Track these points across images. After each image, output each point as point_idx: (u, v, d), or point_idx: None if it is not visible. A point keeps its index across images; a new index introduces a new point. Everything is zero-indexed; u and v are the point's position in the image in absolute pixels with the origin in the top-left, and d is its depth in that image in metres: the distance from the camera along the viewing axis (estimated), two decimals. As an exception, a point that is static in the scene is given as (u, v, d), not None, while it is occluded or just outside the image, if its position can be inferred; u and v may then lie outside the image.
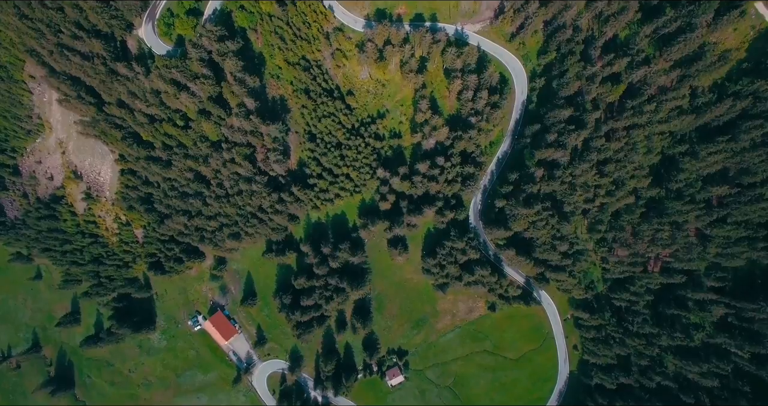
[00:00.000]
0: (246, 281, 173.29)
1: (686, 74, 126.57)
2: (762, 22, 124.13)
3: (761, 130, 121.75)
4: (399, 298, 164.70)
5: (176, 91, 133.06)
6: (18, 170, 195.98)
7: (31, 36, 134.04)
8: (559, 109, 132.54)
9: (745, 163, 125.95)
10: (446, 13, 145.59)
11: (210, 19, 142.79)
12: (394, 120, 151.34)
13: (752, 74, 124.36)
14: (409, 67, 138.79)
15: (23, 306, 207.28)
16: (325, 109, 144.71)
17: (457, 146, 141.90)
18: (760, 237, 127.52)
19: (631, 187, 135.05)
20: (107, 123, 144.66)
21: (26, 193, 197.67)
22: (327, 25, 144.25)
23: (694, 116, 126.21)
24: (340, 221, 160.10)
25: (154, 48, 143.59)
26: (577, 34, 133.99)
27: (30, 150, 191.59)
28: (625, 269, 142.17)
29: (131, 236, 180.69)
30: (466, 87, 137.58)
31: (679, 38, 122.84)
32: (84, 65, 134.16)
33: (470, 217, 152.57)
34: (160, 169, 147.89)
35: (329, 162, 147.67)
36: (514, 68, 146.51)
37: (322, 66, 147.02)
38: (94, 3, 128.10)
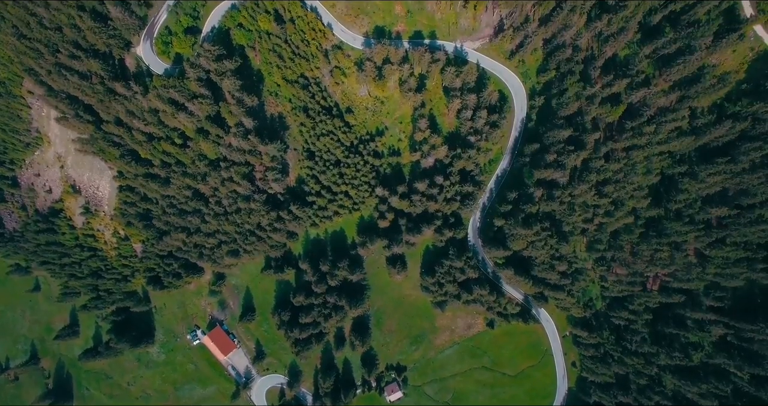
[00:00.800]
0: (245, 296, 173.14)
1: (686, 95, 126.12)
2: (761, 44, 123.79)
3: (761, 152, 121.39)
4: (398, 314, 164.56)
5: (174, 110, 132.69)
6: (17, 182, 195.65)
7: (29, 56, 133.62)
8: (559, 129, 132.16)
9: (744, 185, 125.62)
10: (445, 30, 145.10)
11: (208, 37, 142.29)
12: (393, 137, 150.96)
13: (751, 95, 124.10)
14: (408, 86, 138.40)
15: (22, 318, 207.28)
16: (323, 127, 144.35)
17: (456, 165, 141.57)
18: (760, 258, 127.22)
19: (630, 207, 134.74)
20: (105, 141, 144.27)
21: (25, 205, 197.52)
22: (326, 42, 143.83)
23: (694, 138, 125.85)
24: (339, 238, 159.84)
25: (152, 66, 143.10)
26: (577, 54, 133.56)
27: (28, 162, 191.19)
28: (624, 288, 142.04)
29: (130, 250, 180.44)
30: (465, 106, 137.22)
31: (679, 60, 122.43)
32: (82, 85, 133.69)
33: (469, 235, 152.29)
34: (158, 186, 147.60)
35: (328, 180, 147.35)
36: (514, 86, 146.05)
37: (320, 83, 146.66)
38: (92, 24, 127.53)
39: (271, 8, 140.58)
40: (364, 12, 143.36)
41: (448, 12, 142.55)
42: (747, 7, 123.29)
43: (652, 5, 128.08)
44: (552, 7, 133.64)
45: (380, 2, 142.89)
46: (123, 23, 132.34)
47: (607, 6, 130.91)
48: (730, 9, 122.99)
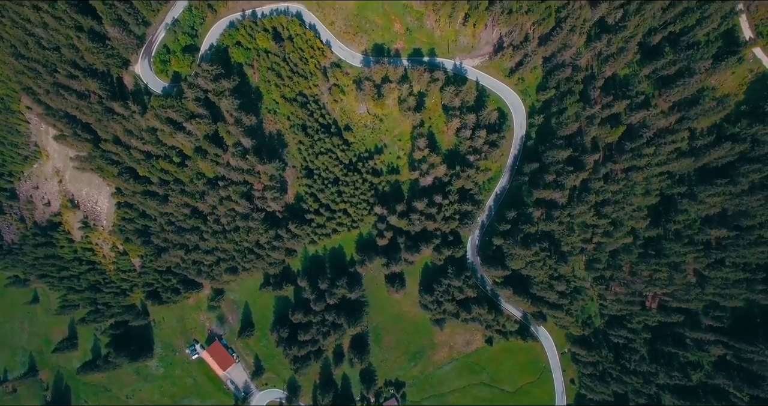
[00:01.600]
0: (244, 311, 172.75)
1: (685, 116, 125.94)
2: (759, 66, 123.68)
3: (760, 173, 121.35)
4: (396, 330, 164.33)
5: (172, 130, 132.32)
6: (15, 194, 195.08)
7: (28, 75, 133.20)
8: (558, 149, 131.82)
9: (743, 206, 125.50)
10: (445, 48, 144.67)
11: (206, 55, 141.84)
12: (391, 155, 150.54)
13: (750, 116, 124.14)
14: (407, 105, 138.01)
15: (20, 330, 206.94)
16: (322, 146, 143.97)
17: (455, 184, 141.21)
18: (759, 279, 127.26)
19: (629, 227, 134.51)
20: (103, 159, 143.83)
21: (23, 217, 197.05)
22: (324, 60, 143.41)
23: (693, 159, 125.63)
24: (338, 255, 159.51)
25: (150, 84, 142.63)
26: (577, 74, 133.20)
27: (27, 174, 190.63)
28: (623, 307, 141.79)
29: (128, 264, 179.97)
30: (464, 125, 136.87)
31: (678, 82, 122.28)
32: (80, 104, 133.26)
33: (468, 253, 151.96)
34: (156, 204, 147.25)
35: (326, 198, 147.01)
36: (513, 103, 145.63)
37: (319, 101, 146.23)
38: (90, 44, 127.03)
39: (269, 26, 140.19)
40: (362, 30, 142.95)
41: (448, 30, 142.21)
42: (746, 28, 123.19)
43: (652, 25, 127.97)
44: (552, 26, 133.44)
45: (379, 20, 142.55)
46: (121, 43, 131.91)
47: (606, 26, 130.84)
48: (730, 31, 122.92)
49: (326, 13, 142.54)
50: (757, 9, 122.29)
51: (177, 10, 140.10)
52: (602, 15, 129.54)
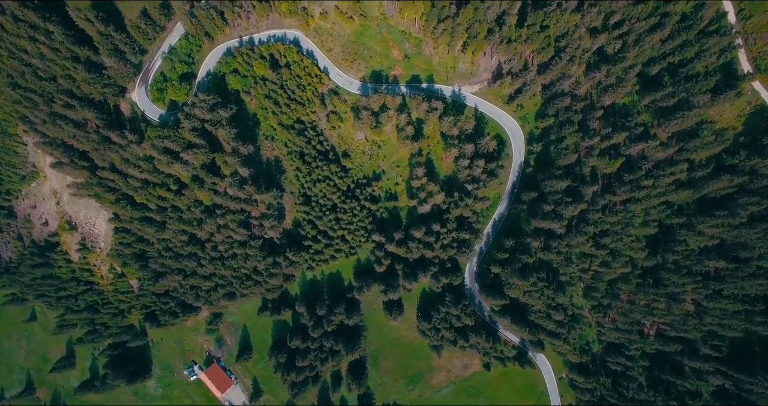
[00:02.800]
0: (242, 333, 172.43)
1: (684, 148, 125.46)
2: (758, 99, 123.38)
3: (759, 206, 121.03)
4: (394, 354, 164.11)
5: (169, 159, 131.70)
6: (13, 212, 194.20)
7: (24, 105, 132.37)
8: (557, 179, 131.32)
9: (742, 238, 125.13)
10: (443, 74, 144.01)
11: (203, 82, 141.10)
12: (390, 181, 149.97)
13: (749, 148, 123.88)
14: (405, 134, 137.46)
15: (17, 347, 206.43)
16: (320, 173, 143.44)
17: (453, 212, 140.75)
18: (758, 311, 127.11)
19: (627, 258, 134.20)
20: (100, 186, 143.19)
21: (21, 236, 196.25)
22: (322, 87, 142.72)
23: (692, 191, 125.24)
24: (336, 280, 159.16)
25: (147, 112, 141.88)
26: (576, 103, 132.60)
27: (25, 193, 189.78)
28: (620, 335, 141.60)
29: (126, 286, 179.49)
30: (462, 155, 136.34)
31: (677, 114, 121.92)
32: (77, 133, 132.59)
33: (466, 279, 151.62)
34: (154, 231, 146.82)
35: (324, 225, 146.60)
36: (512, 129, 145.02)
37: (316, 127, 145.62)
38: (87, 75, 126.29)
39: (266, 53, 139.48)
40: (360, 57, 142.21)
41: (446, 56, 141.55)
42: (744, 61, 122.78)
43: (651, 56, 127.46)
44: (551, 55, 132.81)
45: (377, 47, 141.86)
46: (117, 72, 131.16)
47: (606, 55, 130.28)
48: (728, 64, 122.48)
49: (324, 39, 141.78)
50: (755, 42, 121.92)
51: (174, 38, 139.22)
52: (601, 45, 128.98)
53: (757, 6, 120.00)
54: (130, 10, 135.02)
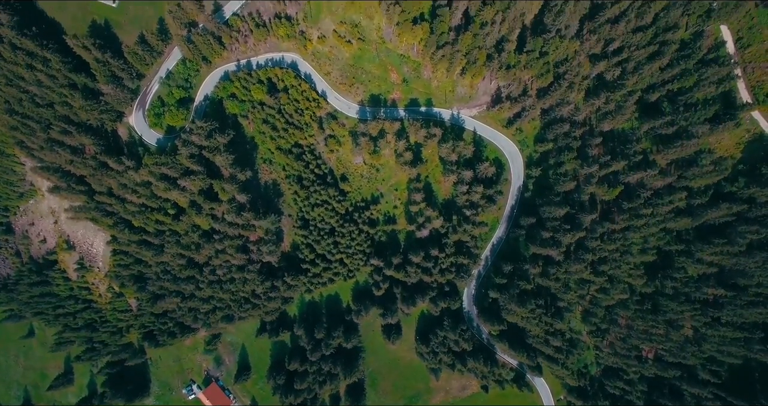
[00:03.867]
0: (240, 353, 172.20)
1: (683, 175, 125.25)
2: (756, 127, 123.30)
3: (757, 235, 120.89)
4: (393, 375, 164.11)
5: (167, 186, 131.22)
6: (11, 228, 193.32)
7: (21, 131, 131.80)
8: (555, 206, 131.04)
9: (741, 266, 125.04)
10: (442, 97, 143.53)
11: (200, 106, 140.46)
12: (388, 204, 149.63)
13: (748, 175, 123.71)
14: (403, 160, 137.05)
15: (15, 363, 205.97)
16: (318, 197, 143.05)
17: (451, 237, 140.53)
18: (757, 339, 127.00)
19: (626, 284, 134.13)
20: (98, 211, 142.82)
21: (19, 252, 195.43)
22: (319, 111, 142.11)
23: (691, 219, 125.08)
24: (334, 301, 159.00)
25: (145, 136, 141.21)
26: (575, 129, 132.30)
27: (23, 210, 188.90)
28: (618, 360, 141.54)
29: (125, 304, 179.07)
30: (461, 181, 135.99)
31: (676, 143, 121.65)
32: (74, 159, 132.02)
33: (464, 302, 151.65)
34: (152, 254, 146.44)
35: (322, 249, 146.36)
36: (511, 153, 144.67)
37: (315, 150, 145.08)
38: (83, 102, 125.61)
39: (264, 78, 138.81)
40: (359, 81, 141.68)
41: (445, 80, 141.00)
42: (743, 89, 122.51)
43: (651, 82, 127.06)
44: (550, 81, 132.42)
45: (376, 70, 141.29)
46: (115, 98, 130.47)
47: (605, 81, 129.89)
48: (727, 92, 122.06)
49: (322, 63, 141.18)
50: (754, 71, 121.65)
51: (171, 62, 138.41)
52: (601, 71, 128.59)
53: (755, 35, 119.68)
54: (128, 35, 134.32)
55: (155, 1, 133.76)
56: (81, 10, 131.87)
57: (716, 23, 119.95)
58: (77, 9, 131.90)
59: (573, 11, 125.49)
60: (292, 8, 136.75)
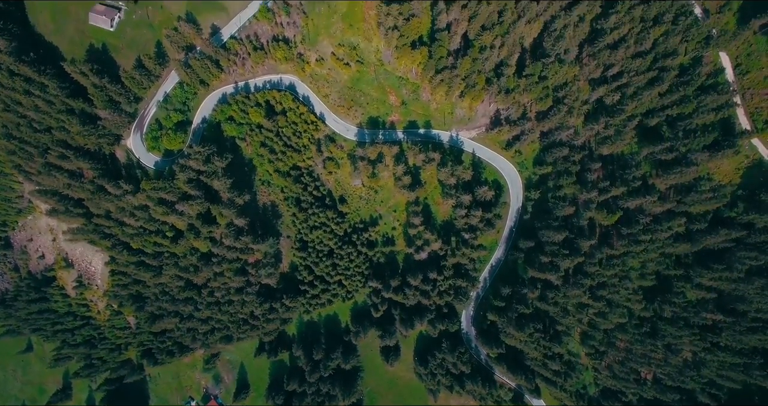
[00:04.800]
0: (239, 371, 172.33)
1: (682, 201, 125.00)
2: (755, 153, 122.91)
3: (756, 261, 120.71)
4: (391, 394, 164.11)
5: (165, 210, 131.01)
6: (9, 243, 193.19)
7: (19, 155, 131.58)
8: (554, 231, 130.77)
9: (740, 292, 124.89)
10: (441, 119, 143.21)
11: (198, 129, 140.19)
12: (387, 225, 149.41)
13: (747, 201, 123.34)
14: (402, 184, 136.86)
15: (13, 378, 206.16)
16: (316, 220, 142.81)
17: (450, 260, 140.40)
18: (756, 365, 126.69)
19: (624, 309, 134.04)
20: (96, 233, 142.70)
21: (17, 267, 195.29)
22: (318, 134, 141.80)
23: (690, 245, 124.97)
24: (333, 321, 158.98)
25: (143, 159, 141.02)
26: (574, 154, 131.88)
27: (21, 225, 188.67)
28: (617, 383, 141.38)
29: (123, 322, 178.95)
30: (459, 205, 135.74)
31: (676, 169, 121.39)
32: (72, 183, 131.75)
33: (463, 323, 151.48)
34: (150, 276, 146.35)
35: (321, 270, 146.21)
36: (510, 175, 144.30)
37: (313, 172, 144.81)
38: (81, 128, 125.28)
39: (262, 100, 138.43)
40: (357, 103, 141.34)
41: (444, 102, 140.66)
42: (741, 115, 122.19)
43: (650, 107, 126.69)
44: (549, 105, 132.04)
45: (374, 93, 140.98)
46: (112, 122, 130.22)
47: (605, 106, 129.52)
48: (726, 119, 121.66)
49: (320, 85, 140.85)
50: (752, 97, 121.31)
51: (169, 85, 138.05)
52: (600, 96, 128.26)
53: (754, 62, 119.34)
54: (125, 58, 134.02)
55: (153, 25, 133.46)
56: (79, 34, 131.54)
57: (715, 50, 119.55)
58: (75, 33, 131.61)
59: (572, 36, 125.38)
60: (289, 31, 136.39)
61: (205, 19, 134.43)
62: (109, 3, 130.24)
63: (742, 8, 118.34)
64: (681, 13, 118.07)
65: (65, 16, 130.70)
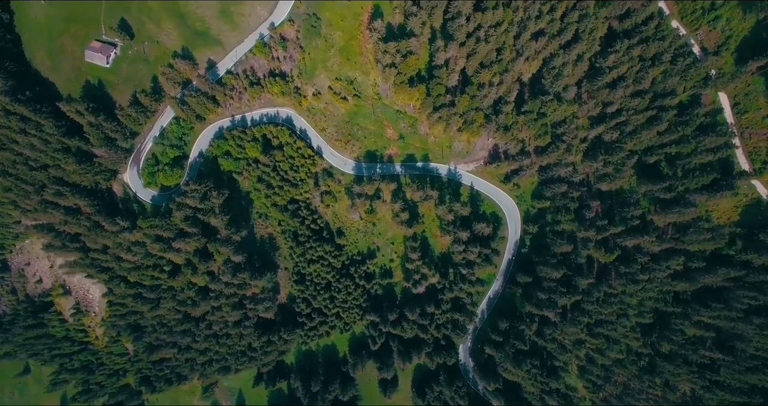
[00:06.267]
0: (237, 398, 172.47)
1: (680, 239, 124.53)
2: (754, 192, 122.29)
3: (755, 301, 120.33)
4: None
5: (162, 247, 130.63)
6: (7, 266, 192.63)
7: (15, 193, 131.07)
8: (552, 268, 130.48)
9: (739, 330, 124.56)
10: (439, 153, 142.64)
11: (195, 163, 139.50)
12: (384, 257, 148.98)
13: (745, 239, 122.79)
14: (400, 219, 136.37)
15: (10, 400, 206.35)
16: (313, 254, 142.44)
17: (447, 295, 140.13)
18: (756, 404, 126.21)
19: (622, 345, 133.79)
20: (93, 267, 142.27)
21: (15, 289, 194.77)
22: (315, 168, 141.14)
23: (688, 284, 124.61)
24: (331, 351, 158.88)
25: (139, 193, 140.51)
26: (572, 191, 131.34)
27: (19, 248, 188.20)
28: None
29: (122, 348, 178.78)
30: (457, 240, 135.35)
31: (674, 209, 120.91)
32: (68, 220, 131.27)
33: (461, 354, 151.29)
34: (148, 309, 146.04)
35: (319, 303, 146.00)
36: (508, 207, 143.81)
37: (310, 205, 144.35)
38: (77, 167, 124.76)
39: (259, 135, 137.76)
40: (355, 137, 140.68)
41: (442, 136, 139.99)
42: (740, 155, 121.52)
43: (649, 145, 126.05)
44: (548, 141, 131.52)
45: (371, 126, 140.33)
46: (108, 160, 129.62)
47: (604, 143, 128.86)
48: (725, 159, 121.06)
49: (317, 119, 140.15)
50: (750, 137, 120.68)
51: (165, 119, 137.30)
52: (599, 134, 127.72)
53: (752, 102, 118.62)
54: (121, 94, 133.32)
55: (149, 60, 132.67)
56: (75, 70, 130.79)
57: (713, 90, 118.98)
58: (71, 70, 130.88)
59: (571, 74, 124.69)
60: (286, 65, 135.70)
61: (201, 54, 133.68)
62: (106, 39, 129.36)
63: (739, 48, 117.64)
64: (679, 53, 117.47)
65: (61, 53, 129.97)
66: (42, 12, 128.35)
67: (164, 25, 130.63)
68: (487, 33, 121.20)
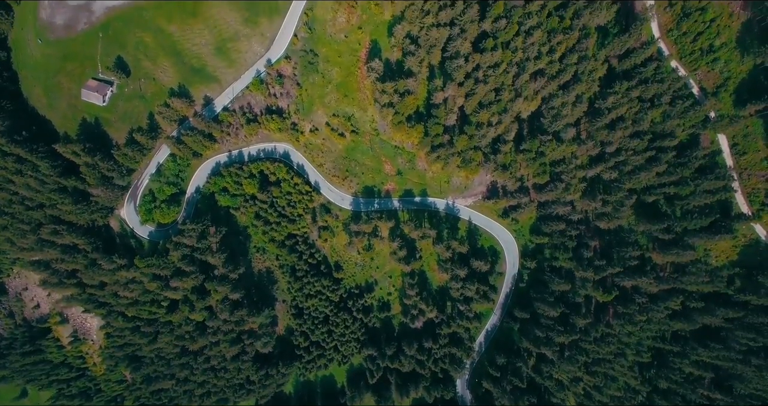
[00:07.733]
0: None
1: (678, 279, 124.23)
2: (752, 233, 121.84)
3: (754, 343, 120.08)
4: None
5: (159, 285, 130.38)
6: (4, 289, 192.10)
7: (11, 231, 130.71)
8: (549, 306, 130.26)
9: (738, 371, 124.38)
10: (437, 188, 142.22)
11: (192, 198, 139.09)
12: (382, 290, 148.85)
13: (743, 279, 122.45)
14: (397, 257, 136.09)
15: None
16: (311, 288, 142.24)
17: (445, 330, 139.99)
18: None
19: (621, 383, 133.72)
20: (90, 302, 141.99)
21: (12, 313, 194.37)
22: (312, 203, 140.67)
23: (687, 324, 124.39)
24: (329, 382, 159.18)
25: (137, 229, 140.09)
26: (570, 229, 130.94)
27: (16, 272, 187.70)
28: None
29: (120, 375, 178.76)
30: (455, 278, 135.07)
31: (673, 250, 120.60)
32: (65, 258, 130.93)
33: (458, 387, 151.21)
34: (146, 342, 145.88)
35: (317, 337, 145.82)
36: (506, 241, 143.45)
37: (308, 239, 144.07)
38: (73, 207, 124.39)
39: (255, 171, 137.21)
40: (352, 173, 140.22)
41: (440, 172, 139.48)
42: (739, 196, 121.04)
43: (648, 184, 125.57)
44: (547, 179, 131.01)
45: (369, 162, 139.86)
46: (105, 198, 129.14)
47: (603, 181, 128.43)
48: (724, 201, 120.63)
49: (314, 154, 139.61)
50: (749, 178, 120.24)
51: (162, 155, 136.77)
52: (598, 173, 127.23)
53: (750, 144, 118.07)
54: (118, 131, 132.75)
55: (145, 97, 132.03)
56: (71, 109, 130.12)
57: (712, 131, 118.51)
58: (67, 108, 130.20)
59: (570, 114, 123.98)
60: (283, 101, 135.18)
61: (198, 91, 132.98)
62: (102, 78, 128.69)
63: (737, 90, 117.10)
64: (678, 95, 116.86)
65: (58, 91, 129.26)
66: (39, 50, 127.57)
67: (160, 62, 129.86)
68: (486, 73, 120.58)
